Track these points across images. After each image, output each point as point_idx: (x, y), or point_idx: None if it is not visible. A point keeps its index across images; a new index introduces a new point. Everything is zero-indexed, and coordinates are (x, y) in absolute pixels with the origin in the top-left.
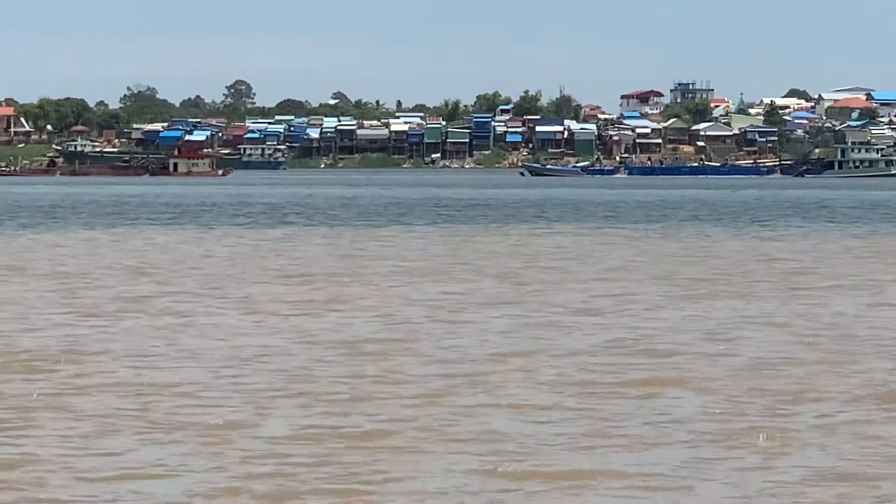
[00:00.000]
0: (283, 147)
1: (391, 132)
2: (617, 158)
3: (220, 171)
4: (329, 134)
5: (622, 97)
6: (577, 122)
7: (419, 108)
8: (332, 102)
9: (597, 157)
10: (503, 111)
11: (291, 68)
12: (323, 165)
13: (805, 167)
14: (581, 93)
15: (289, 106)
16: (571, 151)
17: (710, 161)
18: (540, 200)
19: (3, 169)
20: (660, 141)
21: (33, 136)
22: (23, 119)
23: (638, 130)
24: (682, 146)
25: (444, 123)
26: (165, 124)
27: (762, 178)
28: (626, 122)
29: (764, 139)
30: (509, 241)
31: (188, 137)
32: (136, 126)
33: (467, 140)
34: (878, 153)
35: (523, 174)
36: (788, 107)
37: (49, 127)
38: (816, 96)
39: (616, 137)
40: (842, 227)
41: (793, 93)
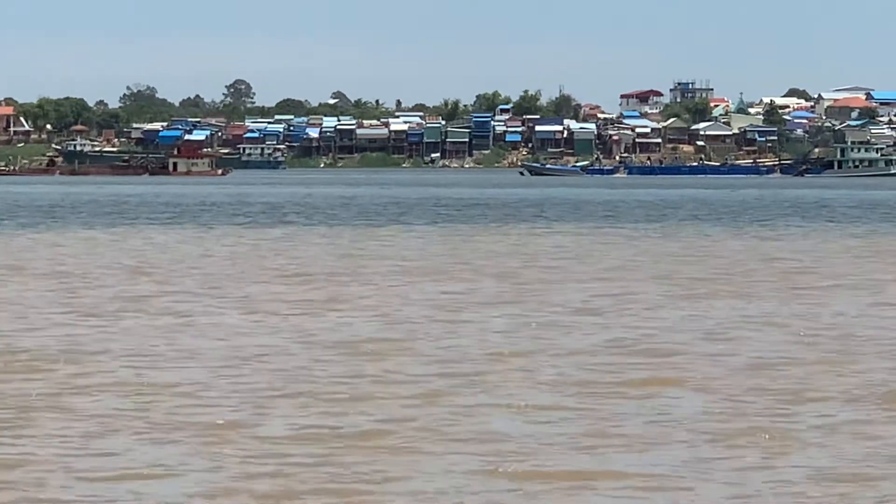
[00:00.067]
0: (282, 147)
1: (391, 132)
2: (616, 158)
3: (220, 171)
4: (328, 133)
5: (622, 97)
6: (577, 121)
7: (419, 107)
8: (332, 102)
9: (596, 156)
10: (503, 111)
11: (291, 68)
12: (322, 165)
13: (805, 167)
14: (581, 92)
15: (288, 105)
16: (571, 151)
17: (709, 161)
18: (539, 200)
19: (3, 168)
20: (659, 140)
21: (33, 136)
22: (22, 118)
23: (637, 130)
24: (681, 146)
25: (444, 123)
26: (165, 124)
27: (762, 178)
28: (625, 121)
29: (763, 139)
30: (509, 240)
31: (188, 137)
32: (135, 126)
33: (467, 140)
34: (877, 153)
35: (523, 174)
36: (788, 106)
37: (48, 126)
38: (816, 96)
39: (616, 137)
40: (841, 226)
41: (792, 92)
